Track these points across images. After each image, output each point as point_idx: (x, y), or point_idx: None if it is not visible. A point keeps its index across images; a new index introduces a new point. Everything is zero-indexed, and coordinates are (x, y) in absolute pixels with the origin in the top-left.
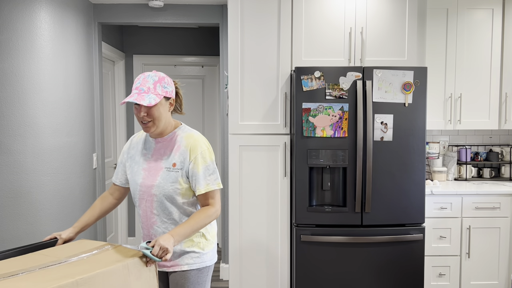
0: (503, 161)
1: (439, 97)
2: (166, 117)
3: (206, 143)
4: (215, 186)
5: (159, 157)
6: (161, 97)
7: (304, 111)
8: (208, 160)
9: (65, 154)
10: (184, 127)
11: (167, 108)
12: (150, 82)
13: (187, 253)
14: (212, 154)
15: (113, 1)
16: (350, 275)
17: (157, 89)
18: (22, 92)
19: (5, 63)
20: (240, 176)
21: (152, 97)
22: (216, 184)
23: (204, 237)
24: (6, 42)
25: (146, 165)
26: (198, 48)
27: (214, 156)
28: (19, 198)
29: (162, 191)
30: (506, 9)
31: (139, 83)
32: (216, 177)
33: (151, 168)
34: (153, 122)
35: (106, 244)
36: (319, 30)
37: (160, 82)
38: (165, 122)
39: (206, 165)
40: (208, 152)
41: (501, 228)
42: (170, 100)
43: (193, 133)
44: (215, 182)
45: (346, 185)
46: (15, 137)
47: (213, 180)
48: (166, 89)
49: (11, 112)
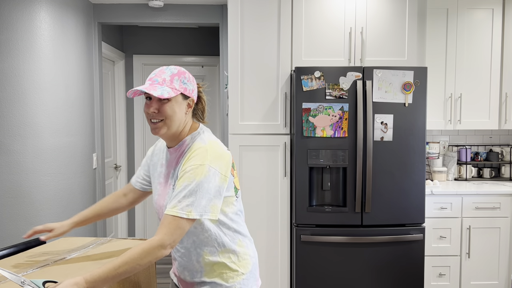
0: (503, 161)
1: (439, 97)
2: (180, 119)
3: (209, 159)
4: (183, 214)
5: (170, 171)
6: (177, 92)
7: (304, 111)
8: (193, 178)
9: (65, 154)
10: (198, 134)
11: (183, 109)
12: (167, 74)
13: (206, 284)
14: (210, 174)
15: (113, 1)
16: (350, 275)
17: (174, 83)
18: (22, 92)
19: (5, 63)
20: (240, 176)
21: (166, 89)
22: (186, 211)
23: (228, 267)
24: (6, 42)
25: (162, 179)
26: (198, 48)
27: (216, 177)
28: (19, 198)
29: None
30: (506, 9)
31: (154, 74)
32: (191, 202)
33: (163, 184)
34: (164, 121)
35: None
36: (319, 30)
37: (179, 76)
38: (179, 126)
39: (189, 183)
40: (199, 170)
41: (501, 228)
42: (188, 100)
43: (202, 142)
44: (187, 208)
45: (346, 185)
46: (15, 137)
47: (185, 204)
48: (186, 86)
49: (11, 112)
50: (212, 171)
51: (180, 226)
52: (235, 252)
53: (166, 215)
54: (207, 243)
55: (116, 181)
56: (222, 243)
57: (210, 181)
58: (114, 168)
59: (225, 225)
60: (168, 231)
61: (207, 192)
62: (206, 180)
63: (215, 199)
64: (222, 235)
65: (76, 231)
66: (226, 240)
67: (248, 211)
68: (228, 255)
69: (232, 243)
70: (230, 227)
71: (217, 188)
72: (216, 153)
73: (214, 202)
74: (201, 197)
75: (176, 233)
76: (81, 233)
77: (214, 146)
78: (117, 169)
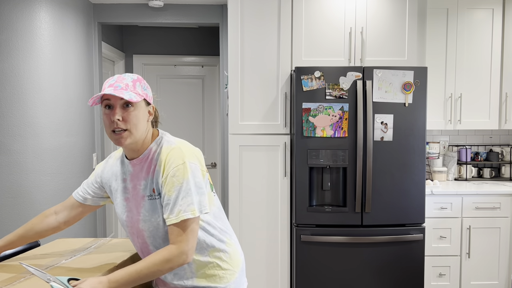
0: (503, 161)
1: (439, 97)
2: (143, 126)
3: (186, 156)
4: (188, 214)
5: (138, 183)
6: (141, 97)
7: (304, 111)
8: (182, 178)
9: (65, 154)
10: (162, 139)
11: (146, 116)
12: (128, 80)
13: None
14: (193, 170)
15: (113, 1)
16: (350, 275)
17: (136, 88)
18: (22, 92)
19: (5, 63)
20: (240, 176)
21: (133, 94)
22: (190, 210)
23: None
24: (6, 42)
25: (129, 194)
26: (198, 48)
27: (198, 172)
28: (19, 198)
29: (151, 225)
30: (506, 9)
31: (114, 80)
32: (190, 201)
33: (132, 198)
34: (129, 131)
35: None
36: (319, 30)
37: (140, 82)
38: (142, 134)
39: (180, 185)
40: (183, 169)
41: (501, 228)
42: (149, 107)
43: (171, 144)
44: (189, 208)
45: (346, 185)
46: (15, 137)
47: (186, 205)
48: (146, 92)
49: (11, 112)
50: (193, 167)
51: (191, 228)
52: (225, 250)
53: (172, 226)
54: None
55: None
56: (211, 243)
57: (196, 176)
58: None
59: (211, 223)
60: (183, 238)
61: (197, 187)
62: (192, 176)
63: (204, 194)
64: (209, 235)
65: (76, 232)
66: (213, 239)
67: (248, 211)
68: (219, 254)
69: (220, 242)
70: (216, 225)
71: (202, 182)
72: (190, 150)
73: (205, 196)
74: (195, 194)
75: (190, 237)
76: (81, 233)
77: (185, 144)
78: None
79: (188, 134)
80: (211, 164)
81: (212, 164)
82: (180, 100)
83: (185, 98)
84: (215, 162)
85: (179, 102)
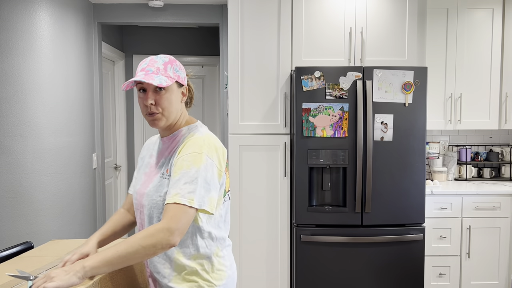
0: (503, 161)
1: (439, 97)
2: (177, 108)
3: (207, 148)
4: (184, 200)
5: (159, 160)
6: (172, 80)
7: (304, 111)
8: (192, 165)
9: (65, 154)
10: (196, 126)
11: (179, 98)
12: (159, 62)
13: None
14: (208, 164)
15: (113, 1)
16: (350, 275)
17: (168, 71)
18: (22, 92)
19: (5, 63)
20: (240, 176)
21: (163, 78)
22: (188, 198)
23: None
24: (6, 42)
25: (148, 169)
26: (198, 48)
27: (213, 169)
28: (19, 198)
29: (151, 201)
30: (506, 9)
31: (146, 64)
32: (192, 190)
33: (150, 173)
34: (162, 113)
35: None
36: (319, 30)
37: (171, 64)
38: (176, 115)
39: (188, 170)
40: (198, 157)
41: (501, 228)
42: (182, 89)
43: (200, 134)
44: (188, 195)
45: (346, 185)
46: (15, 137)
47: (186, 191)
48: (179, 74)
49: (11, 112)
50: (209, 162)
51: (185, 212)
52: (210, 260)
53: (168, 204)
54: (182, 244)
55: (116, 181)
56: (197, 246)
57: (208, 170)
58: (114, 168)
59: (207, 228)
60: (174, 216)
61: (205, 181)
62: (204, 169)
63: (213, 191)
64: (199, 237)
65: (76, 232)
66: (202, 244)
67: (248, 211)
68: (201, 262)
69: (207, 249)
70: (211, 232)
71: (215, 180)
72: (214, 145)
73: (212, 195)
74: (200, 186)
75: (183, 219)
76: (81, 233)
77: (212, 139)
78: (117, 169)
79: None
80: None
81: None
82: None
83: None
84: None
85: None
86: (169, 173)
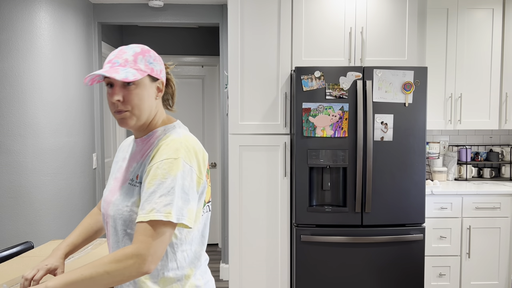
0: (503, 161)
1: (439, 97)
2: (150, 106)
3: (184, 153)
4: (160, 215)
5: (131, 165)
6: (143, 74)
7: (304, 111)
8: (168, 174)
9: (65, 154)
10: (174, 127)
11: (153, 94)
12: (129, 53)
13: None
14: (186, 171)
15: (113, 1)
16: (350, 275)
17: (138, 63)
18: (22, 92)
19: (5, 63)
20: (240, 176)
21: (131, 71)
22: (164, 212)
23: None
24: (6, 42)
25: (119, 174)
26: (198, 48)
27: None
28: (19, 198)
29: (116, 211)
30: (506, 9)
31: (114, 55)
32: (169, 202)
33: (120, 179)
34: (131, 112)
35: None
36: (319, 30)
37: (143, 54)
38: (149, 114)
39: (163, 181)
40: (174, 164)
41: (501, 228)
42: (157, 83)
43: (178, 135)
44: (164, 209)
45: (346, 185)
46: (15, 137)
47: (162, 204)
48: (152, 66)
49: (11, 112)
50: (187, 168)
51: (160, 232)
52: (181, 283)
53: (141, 224)
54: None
55: None
56: (167, 268)
57: (186, 178)
58: None
59: (178, 246)
60: (145, 239)
61: (182, 191)
62: (181, 176)
63: (192, 202)
64: (170, 257)
65: None
66: (173, 265)
67: (248, 211)
68: (170, 286)
69: (178, 271)
70: (185, 250)
71: (193, 189)
72: (193, 148)
73: (191, 206)
74: (178, 197)
75: (157, 241)
76: None
77: (190, 141)
78: None
79: None
80: (211, 164)
81: (212, 164)
82: (180, 100)
83: (185, 98)
84: (215, 162)
85: (179, 102)
86: (139, 179)
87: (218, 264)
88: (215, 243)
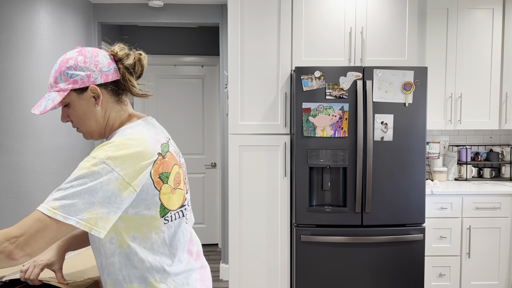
0: (504, 161)
1: (439, 97)
2: (94, 116)
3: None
4: (43, 207)
5: None
6: (64, 93)
7: (304, 111)
8: (78, 171)
9: (65, 154)
10: (130, 127)
11: (89, 104)
12: (52, 74)
13: None
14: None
15: (113, 1)
16: (350, 275)
17: (58, 83)
18: (22, 92)
19: (5, 63)
20: (240, 176)
21: (51, 97)
22: (49, 206)
23: None
24: (6, 42)
25: None
26: (198, 48)
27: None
28: (19, 198)
29: None
30: (506, 9)
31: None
32: (59, 197)
33: None
34: (79, 129)
35: None
36: (319, 30)
37: (60, 71)
38: (98, 123)
39: (69, 178)
40: (91, 163)
41: (502, 228)
42: (89, 93)
43: (123, 135)
44: (52, 203)
45: (346, 185)
46: (15, 137)
47: (51, 198)
48: (74, 78)
49: (11, 112)
50: (107, 170)
51: (39, 222)
52: None
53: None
54: (112, 272)
55: None
56: (129, 279)
57: (104, 183)
58: None
59: (138, 255)
60: (22, 226)
61: (88, 192)
62: (92, 176)
63: (101, 208)
64: (132, 267)
65: None
66: (136, 275)
67: (248, 211)
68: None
69: (144, 283)
70: (146, 260)
71: (109, 194)
72: (133, 150)
73: (98, 212)
74: (77, 195)
75: (32, 229)
76: None
77: (132, 142)
78: None
79: (188, 134)
80: (211, 164)
81: (212, 164)
82: (180, 100)
83: (185, 98)
84: (215, 162)
85: (179, 102)
86: None
87: (218, 264)
88: (215, 243)
